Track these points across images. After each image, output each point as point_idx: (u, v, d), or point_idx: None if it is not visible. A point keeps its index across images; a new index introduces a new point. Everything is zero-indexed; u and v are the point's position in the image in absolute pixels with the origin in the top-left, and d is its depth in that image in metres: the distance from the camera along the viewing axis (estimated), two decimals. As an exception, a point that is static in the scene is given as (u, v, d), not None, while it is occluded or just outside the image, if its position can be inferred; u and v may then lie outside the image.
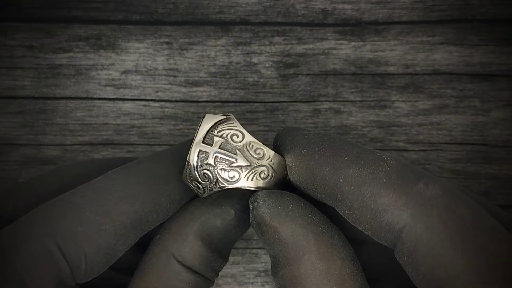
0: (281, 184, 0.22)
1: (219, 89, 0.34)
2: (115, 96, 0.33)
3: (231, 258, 0.33)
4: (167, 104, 0.33)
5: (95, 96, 0.33)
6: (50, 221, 0.20)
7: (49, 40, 0.34)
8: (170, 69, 0.34)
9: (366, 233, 0.19)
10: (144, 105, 0.33)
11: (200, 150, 0.22)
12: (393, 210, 0.18)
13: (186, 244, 0.21)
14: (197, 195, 0.23)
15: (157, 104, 0.33)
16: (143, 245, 0.23)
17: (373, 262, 0.23)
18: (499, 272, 0.17)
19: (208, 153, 0.22)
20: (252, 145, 0.22)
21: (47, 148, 0.33)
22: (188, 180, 0.22)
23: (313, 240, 0.20)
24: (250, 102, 0.34)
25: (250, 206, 0.21)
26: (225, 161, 0.22)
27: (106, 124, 0.33)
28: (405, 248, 0.18)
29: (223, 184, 0.22)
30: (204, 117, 0.22)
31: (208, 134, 0.22)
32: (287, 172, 0.22)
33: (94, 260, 0.20)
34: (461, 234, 0.17)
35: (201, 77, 0.34)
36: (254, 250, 0.33)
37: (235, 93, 0.34)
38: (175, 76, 0.34)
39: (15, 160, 0.33)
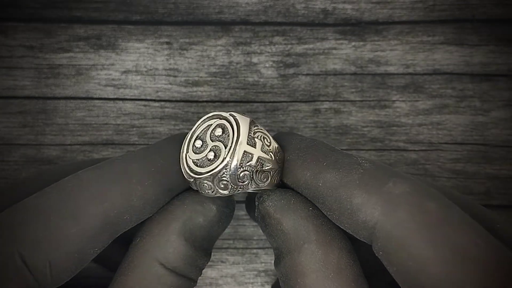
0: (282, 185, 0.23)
1: (219, 89, 0.34)
2: (115, 96, 0.33)
3: (231, 258, 0.33)
4: (167, 104, 0.33)
5: (95, 96, 0.33)
6: (12, 228, 0.19)
7: (49, 40, 0.34)
8: (170, 69, 0.34)
9: (348, 231, 0.21)
10: (144, 105, 0.33)
11: (245, 151, 0.21)
12: (366, 209, 0.19)
13: (169, 245, 0.21)
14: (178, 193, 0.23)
15: (157, 104, 0.33)
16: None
17: (366, 259, 0.23)
18: (464, 262, 0.17)
19: (253, 154, 0.21)
20: (278, 149, 0.22)
21: (47, 148, 0.33)
22: (207, 179, 0.21)
23: (313, 231, 0.21)
24: (250, 102, 0.34)
25: (256, 202, 0.22)
26: (264, 163, 0.22)
27: (106, 124, 0.33)
28: (379, 243, 0.19)
29: (256, 186, 0.22)
30: (238, 117, 0.22)
31: (248, 135, 0.22)
32: None
33: (60, 266, 0.20)
34: (428, 227, 0.18)
35: (201, 77, 0.34)
36: (254, 250, 0.33)
37: (235, 93, 0.34)
38: (175, 76, 0.34)
39: (15, 160, 0.33)
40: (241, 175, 0.21)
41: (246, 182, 0.22)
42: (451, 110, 0.33)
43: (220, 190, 0.22)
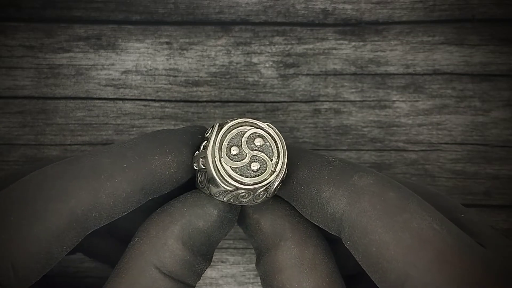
0: None
1: (219, 89, 0.34)
2: (115, 96, 0.33)
3: (231, 258, 0.33)
4: (167, 104, 0.33)
5: (95, 96, 0.33)
6: None
7: (49, 40, 0.34)
8: (170, 69, 0.34)
9: (320, 226, 0.22)
10: (144, 105, 0.33)
11: (287, 164, 0.22)
12: (333, 201, 0.20)
13: (166, 249, 0.20)
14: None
15: (157, 104, 0.33)
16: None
17: (350, 259, 0.24)
18: (420, 244, 0.18)
19: (287, 166, 0.22)
20: None
21: (47, 148, 0.33)
22: (251, 190, 0.21)
23: (289, 229, 0.22)
24: (250, 102, 0.34)
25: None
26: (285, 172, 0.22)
27: (106, 124, 0.33)
28: (346, 233, 0.20)
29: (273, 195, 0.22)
30: (276, 129, 0.22)
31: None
32: None
33: (24, 267, 0.19)
34: (387, 214, 0.19)
35: (201, 77, 0.34)
36: (254, 250, 0.33)
37: (235, 93, 0.34)
38: (175, 76, 0.34)
39: (15, 160, 0.33)
40: (279, 187, 0.22)
41: (276, 193, 0.22)
42: (451, 110, 0.33)
43: (255, 201, 0.22)
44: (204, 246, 0.22)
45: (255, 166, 0.21)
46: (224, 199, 0.22)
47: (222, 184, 0.21)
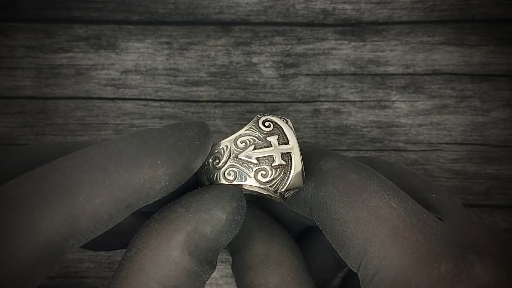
0: None
1: (219, 89, 0.34)
2: (115, 96, 0.33)
3: (231, 258, 0.33)
4: (167, 104, 0.34)
5: (95, 96, 0.33)
6: None
7: (49, 40, 0.34)
8: (170, 69, 0.34)
9: (299, 212, 0.23)
10: (144, 105, 0.33)
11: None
12: (303, 187, 0.21)
13: (170, 262, 0.18)
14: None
15: (157, 103, 0.33)
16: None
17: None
18: (377, 221, 0.19)
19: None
20: None
21: (47, 148, 0.33)
22: (286, 187, 0.21)
23: (256, 229, 0.23)
24: (250, 102, 0.34)
25: None
26: None
27: (106, 124, 0.33)
28: (315, 214, 0.21)
29: None
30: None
31: None
32: None
33: None
34: (348, 194, 0.20)
35: (201, 77, 0.34)
36: (254, 250, 0.33)
37: (235, 93, 0.34)
38: (175, 76, 0.34)
39: (15, 160, 0.33)
40: None
41: None
42: (451, 110, 0.33)
43: (274, 195, 0.22)
44: (211, 253, 0.20)
45: None
46: (275, 195, 0.21)
47: (302, 181, 0.21)
